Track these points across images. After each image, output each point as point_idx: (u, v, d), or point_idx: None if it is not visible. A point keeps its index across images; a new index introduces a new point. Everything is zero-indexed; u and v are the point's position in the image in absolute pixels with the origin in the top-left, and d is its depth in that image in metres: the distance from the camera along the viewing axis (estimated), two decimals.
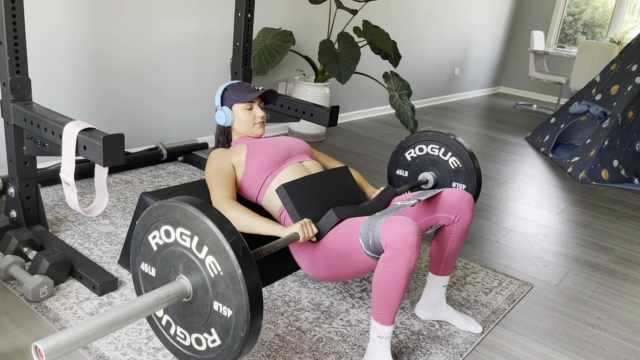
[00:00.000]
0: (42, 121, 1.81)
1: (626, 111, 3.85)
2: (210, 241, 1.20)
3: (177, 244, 1.29)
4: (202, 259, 1.23)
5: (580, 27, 7.22)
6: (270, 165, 1.84)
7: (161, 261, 1.35)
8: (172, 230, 1.29)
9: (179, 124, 3.46)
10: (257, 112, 1.97)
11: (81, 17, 2.79)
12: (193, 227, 1.23)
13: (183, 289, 1.28)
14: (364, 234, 1.51)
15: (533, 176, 3.81)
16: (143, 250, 1.39)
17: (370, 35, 3.72)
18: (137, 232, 1.39)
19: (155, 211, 1.31)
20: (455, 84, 6.47)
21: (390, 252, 1.45)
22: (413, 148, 2.34)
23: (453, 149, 2.24)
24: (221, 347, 1.25)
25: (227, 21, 3.53)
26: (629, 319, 2.10)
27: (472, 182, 2.23)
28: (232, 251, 1.16)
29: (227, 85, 2.00)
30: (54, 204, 2.50)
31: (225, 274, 1.19)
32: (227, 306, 1.21)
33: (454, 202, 1.73)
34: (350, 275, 1.68)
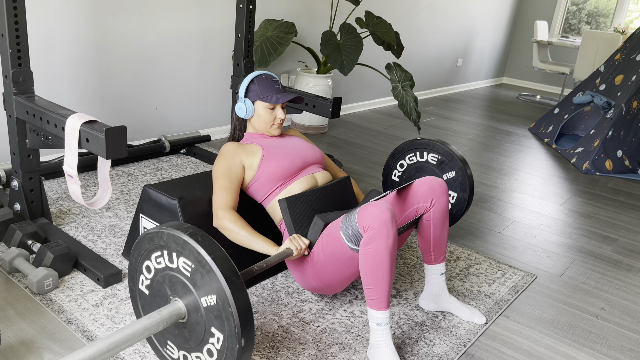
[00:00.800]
0: (45, 114, 1.81)
1: (630, 101, 3.83)
2: (174, 244, 1.28)
3: (157, 271, 1.36)
4: (177, 267, 1.30)
5: (584, 17, 7.17)
6: (282, 177, 1.83)
7: (155, 300, 1.41)
8: (149, 263, 1.37)
9: (182, 117, 3.46)
10: (278, 114, 1.91)
11: (82, 10, 2.78)
12: (159, 245, 1.32)
13: (175, 308, 1.32)
14: (344, 227, 1.57)
15: (536, 167, 3.80)
16: (142, 304, 1.46)
17: (373, 26, 3.70)
18: (131, 289, 1.47)
19: (132, 257, 1.41)
20: (458, 75, 6.44)
21: (367, 234, 1.50)
22: (395, 168, 2.45)
23: (424, 146, 2.33)
24: (225, 339, 1.27)
25: (229, 13, 3.51)
26: (632, 309, 2.09)
27: (457, 165, 2.27)
28: (191, 239, 1.24)
29: (254, 76, 1.90)
30: (58, 196, 2.51)
31: (196, 264, 1.25)
32: (210, 294, 1.25)
33: (426, 189, 1.75)
34: (340, 281, 1.71)
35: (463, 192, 2.30)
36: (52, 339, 1.58)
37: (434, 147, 2.32)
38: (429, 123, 4.78)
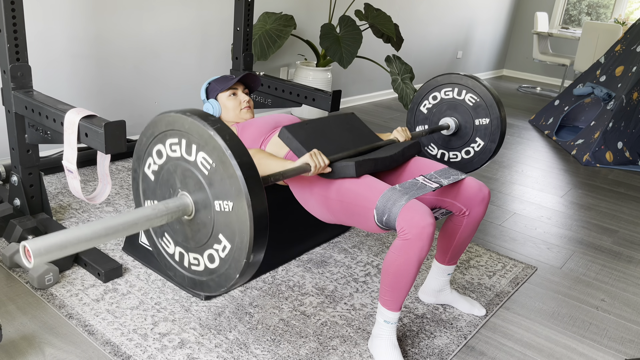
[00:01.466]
0: (43, 109, 1.80)
1: (631, 92, 3.82)
2: (196, 136, 1.15)
3: (169, 159, 1.24)
4: (194, 160, 1.18)
5: (585, 8, 7.13)
6: (260, 134, 1.87)
7: (160, 188, 1.30)
8: (162, 148, 1.25)
9: None
10: (241, 97, 2.03)
11: (80, 4, 2.76)
12: (179, 129, 1.18)
13: (183, 202, 1.21)
14: (381, 208, 1.47)
15: (537, 159, 3.79)
16: (143, 187, 1.34)
17: (372, 19, 3.68)
18: (134, 170, 1.34)
19: (144, 137, 1.28)
20: (458, 67, 6.42)
21: (402, 242, 1.43)
22: (427, 99, 2.24)
23: (467, 85, 2.13)
24: (232, 250, 1.18)
25: (228, 6, 3.49)
26: (633, 300, 2.10)
27: (495, 113, 2.11)
28: (218, 136, 1.11)
29: (210, 80, 2.08)
30: (58, 191, 2.51)
31: (217, 163, 1.13)
32: (227, 200, 1.14)
33: (470, 194, 1.68)
34: (348, 223, 1.63)
35: (491, 143, 2.15)
36: (54, 333, 1.59)
37: (474, 88, 2.12)
38: None
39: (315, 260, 2.13)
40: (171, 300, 1.79)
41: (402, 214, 1.43)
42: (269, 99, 2.76)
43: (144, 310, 1.72)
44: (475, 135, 2.19)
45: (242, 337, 1.64)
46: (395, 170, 1.79)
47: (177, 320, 1.69)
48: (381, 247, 2.27)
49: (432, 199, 1.73)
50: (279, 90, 2.68)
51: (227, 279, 1.22)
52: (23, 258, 1.00)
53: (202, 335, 1.63)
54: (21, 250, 1.00)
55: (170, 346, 1.57)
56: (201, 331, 1.65)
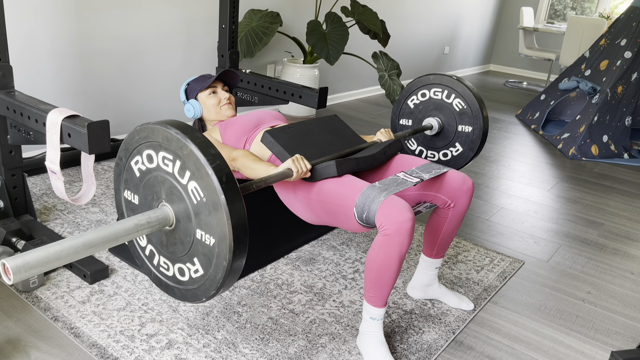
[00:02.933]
0: (25, 109, 1.77)
1: (615, 86, 3.85)
2: (192, 165, 1.14)
3: (159, 169, 1.23)
4: (185, 184, 1.17)
5: (570, 3, 7.18)
6: (244, 133, 1.86)
7: (144, 188, 1.28)
8: (154, 155, 1.22)
9: (167, 109, 3.42)
10: (221, 95, 2.03)
11: (63, 2, 2.73)
12: (175, 151, 1.17)
13: (165, 216, 1.22)
14: (360, 205, 1.47)
15: (523, 153, 3.82)
16: (126, 177, 1.33)
17: (359, 15, 3.67)
18: (120, 158, 1.32)
19: (137, 134, 1.24)
20: (445, 63, 6.44)
21: (383, 238, 1.44)
22: (415, 94, 2.24)
23: (457, 90, 2.14)
24: (204, 277, 1.20)
25: (213, 3, 3.47)
26: (618, 292, 2.12)
27: (478, 124, 2.13)
28: (215, 176, 1.10)
29: (188, 81, 2.08)
30: (42, 192, 2.48)
31: (208, 200, 1.13)
32: (209, 234, 1.16)
33: (454, 186, 1.69)
34: (332, 223, 1.63)
35: (469, 151, 2.18)
36: (39, 336, 1.57)
37: (463, 94, 2.13)
38: None
39: (303, 258, 2.12)
40: (158, 300, 1.77)
41: (380, 210, 1.44)
42: (255, 97, 2.74)
43: (131, 312, 1.70)
44: (455, 140, 2.22)
45: (230, 336, 1.64)
46: (378, 169, 1.79)
47: (164, 320, 1.68)
48: (369, 244, 2.27)
49: (416, 194, 1.74)
50: (265, 87, 2.66)
51: (194, 297, 1.25)
52: (3, 275, 1.00)
53: (190, 335, 1.62)
54: (0, 268, 1.00)
55: (157, 347, 1.56)
56: (189, 331, 1.64)
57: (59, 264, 1.04)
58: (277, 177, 1.47)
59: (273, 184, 1.47)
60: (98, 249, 1.10)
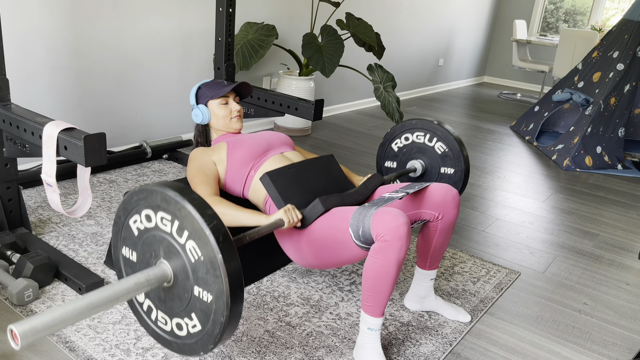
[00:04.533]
0: (21, 122, 1.78)
1: (608, 98, 3.89)
2: (190, 226, 1.18)
3: (157, 228, 1.26)
4: (183, 243, 1.21)
5: (562, 15, 7.27)
6: (251, 158, 1.84)
7: (142, 246, 1.32)
8: (152, 215, 1.26)
9: (163, 122, 3.43)
10: (232, 107, 1.98)
11: (60, 15, 2.74)
12: (173, 212, 1.21)
13: (163, 274, 1.25)
14: (354, 224, 1.51)
15: (518, 164, 3.84)
16: (124, 235, 1.36)
17: (354, 28, 3.70)
18: (118, 217, 1.36)
19: (136, 195, 1.28)
20: (439, 75, 6.49)
21: (380, 244, 1.45)
22: (399, 138, 2.32)
23: (438, 134, 2.22)
24: (201, 332, 1.24)
25: (209, 16, 3.49)
26: (614, 303, 2.12)
27: (460, 165, 2.20)
28: (212, 236, 1.14)
29: (201, 83, 2.01)
30: (37, 205, 2.47)
31: (206, 259, 1.17)
32: (207, 291, 1.19)
33: (439, 199, 1.72)
34: (338, 264, 1.67)
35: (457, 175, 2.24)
36: (34, 351, 1.56)
37: (446, 140, 2.21)
38: None
39: (300, 270, 2.12)
40: None
41: (374, 220, 1.46)
42: (252, 109, 2.75)
43: (127, 325, 1.69)
44: (438, 181, 2.29)
45: (226, 349, 1.63)
46: (362, 202, 1.84)
47: None
48: None
49: (409, 215, 1.77)
50: (261, 100, 2.68)
51: (192, 351, 1.28)
52: (10, 340, 1.04)
53: None
54: (8, 333, 1.04)
55: None
56: None
57: (65, 325, 1.09)
58: (269, 228, 1.54)
59: (265, 233, 1.54)
60: (101, 309, 1.15)
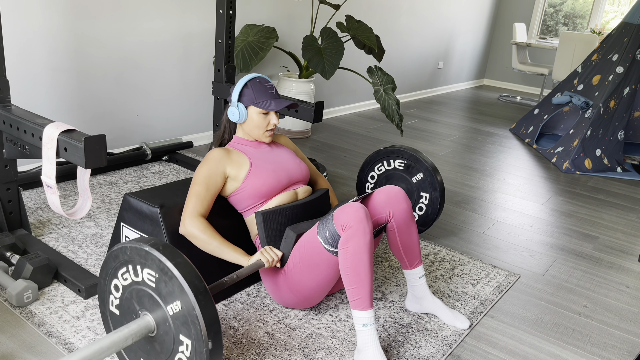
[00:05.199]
0: (22, 123, 1.78)
1: (608, 101, 3.89)
2: (136, 258, 1.29)
3: (124, 289, 1.36)
4: (142, 280, 1.30)
5: (562, 19, 7.28)
6: (266, 195, 1.81)
7: (125, 318, 1.40)
8: (117, 281, 1.37)
9: (163, 123, 3.43)
10: (272, 119, 1.84)
11: (60, 17, 2.74)
12: (124, 261, 1.32)
13: (143, 321, 1.32)
14: (321, 231, 1.61)
15: (518, 167, 3.84)
16: (114, 324, 1.44)
17: (354, 30, 3.71)
18: (102, 312, 1.45)
19: (119, 252, 1.35)
20: (439, 77, 6.50)
21: (345, 233, 1.54)
22: (380, 162, 2.47)
23: (394, 154, 2.40)
24: (193, 345, 1.26)
25: (209, 17, 3.50)
26: (614, 305, 2.12)
27: (423, 165, 2.34)
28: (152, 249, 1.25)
29: (248, 80, 1.82)
30: (37, 207, 2.46)
31: (158, 272, 1.26)
32: (175, 300, 1.25)
33: (383, 200, 1.76)
34: (317, 290, 1.72)
35: (434, 192, 2.34)
36: (33, 352, 1.55)
37: (398, 153, 2.39)
38: (412, 126, 4.80)
39: None
40: None
41: (335, 216, 1.58)
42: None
43: None
44: (418, 191, 2.39)
45: (226, 351, 1.63)
46: None
47: None
48: None
49: None
50: None
51: None
52: None
53: None
54: None
55: None
56: None
57: None
58: (249, 269, 1.59)
59: (246, 275, 1.61)
60: None
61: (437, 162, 3.79)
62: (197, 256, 1.84)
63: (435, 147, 4.17)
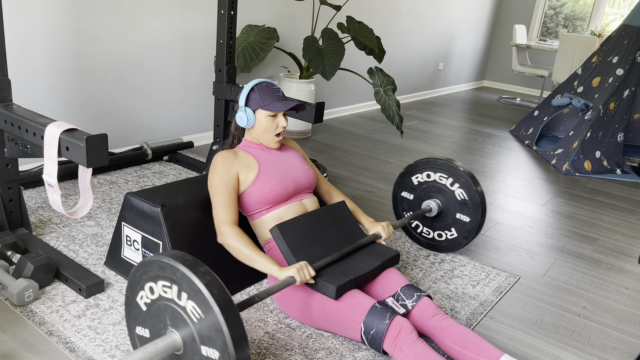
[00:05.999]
0: (23, 122, 1.78)
1: (607, 103, 3.90)
2: (186, 286, 1.22)
3: (161, 298, 1.30)
4: (184, 306, 1.25)
5: (562, 21, 7.29)
6: (272, 201, 1.80)
7: (151, 319, 1.35)
8: (154, 286, 1.31)
9: (164, 123, 3.43)
10: (280, 122, 1.84)
11: (61, 16, 2.75)
12: (170, 277, 1.25)
13: (172, 341, 1.27)
14: (368, 324, 1.58)
15: (518, 169, 3.85)
16: (135, 314, 1.39)
17: (354, 31, 3.72)
18: (127, 297, 1.40)
19: (137, 271, 1.33)
20: (439, 79, 6.51)
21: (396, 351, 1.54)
22: (421, 173, 2.32)
23: (461, 180, 2.22)
24: None
25: (211, 18, 3.50)
26: (614, 307, 2.13)
27: (477, 216, 2.22)
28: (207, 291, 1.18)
29: (255, 85, 1.83)
30: (38, 206, 2.47)
31: (206, 315, 1.20)
32: (214, 348, 1.21)
33: (424, 317, 1.69)
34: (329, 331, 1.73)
35: (463, 239, 2.28)
36: (34, 351, 1.56)
37: (468, 188, 2.20)
38: (412, 127, 4.81)
39: None
40: None
41: (385, 342, 1.56)
42: None
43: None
44: (452, 225, 2.30)
45: None
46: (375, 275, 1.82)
47: None
48: None
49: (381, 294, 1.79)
50: None
51: None
52: None
53: None
54: None
55: None
56: None
57: None
58: (281, 286, 1.54)
59: (277, 292, 1.57)
60: None
61: None
62: (207, 260, 1.84)
63: (435, 148, 4.18)
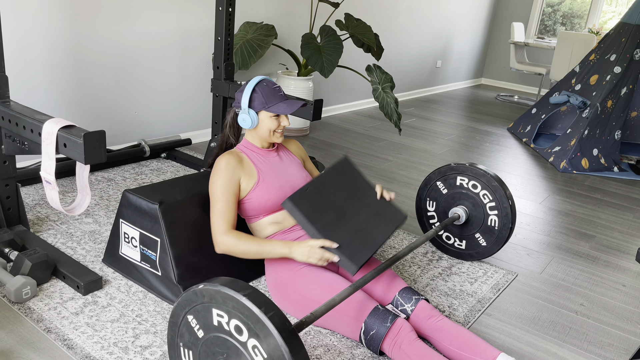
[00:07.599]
0: (21, 119, 1.77)
1: (605, 100, 3.91)
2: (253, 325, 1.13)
3: (217, 329, 1.21)
4: (245, 342, 1.17)
5: (560, 18, 7.30)
6: (270, 209, 1.81)
7: (203, 346, 1.26)
8: (209, 315, 1.21)
9: (162, 120, 3.43)
10: (282, 121, 1.81)
11: (59, 13, 2.74)
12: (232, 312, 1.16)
13: None
14: (367, 330, 1.62)
15: (515, 166, 3.85)
16: (182, 342, 1.32)
17: (353, 29, 3.71)
18: (174, 323, 1.31)
19: (189, 297, 1.24)
20: (437, 76, 6.51)
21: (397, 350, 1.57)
22: (446, 180, 2.26)
23: (496, 195, 2.16)
24: None
25: (208, 15, 3.49)
26: (611, 304, 2.14)
27: (507, 223, 2.17)
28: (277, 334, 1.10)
29: (255, 85, 1.78)
30: (35, 203, 2.46)
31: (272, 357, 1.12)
32: None
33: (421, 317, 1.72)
34: (325, 327, 1.75)
35: (494, 245, 2.22)
36: (32, 348, 1.55)
37: (500, 200, 2.14)
38: (410, 124, 4.81)
39: None
40: (152, 312, 1.76)
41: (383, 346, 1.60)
42: None
43: (125, 323, 1.69)
44: (482, 231, 2.23)
45: None
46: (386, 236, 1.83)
47: (158, 332, 1.67)
48: None
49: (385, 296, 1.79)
50: None
51: None
52: None
53: None
54: None
55: (151, 359, 1.55)
56: None
57: None
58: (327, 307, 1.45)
59: None
60: None
61: (435, 161, 3.80)
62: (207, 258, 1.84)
63: (433, 145, 4.18)
